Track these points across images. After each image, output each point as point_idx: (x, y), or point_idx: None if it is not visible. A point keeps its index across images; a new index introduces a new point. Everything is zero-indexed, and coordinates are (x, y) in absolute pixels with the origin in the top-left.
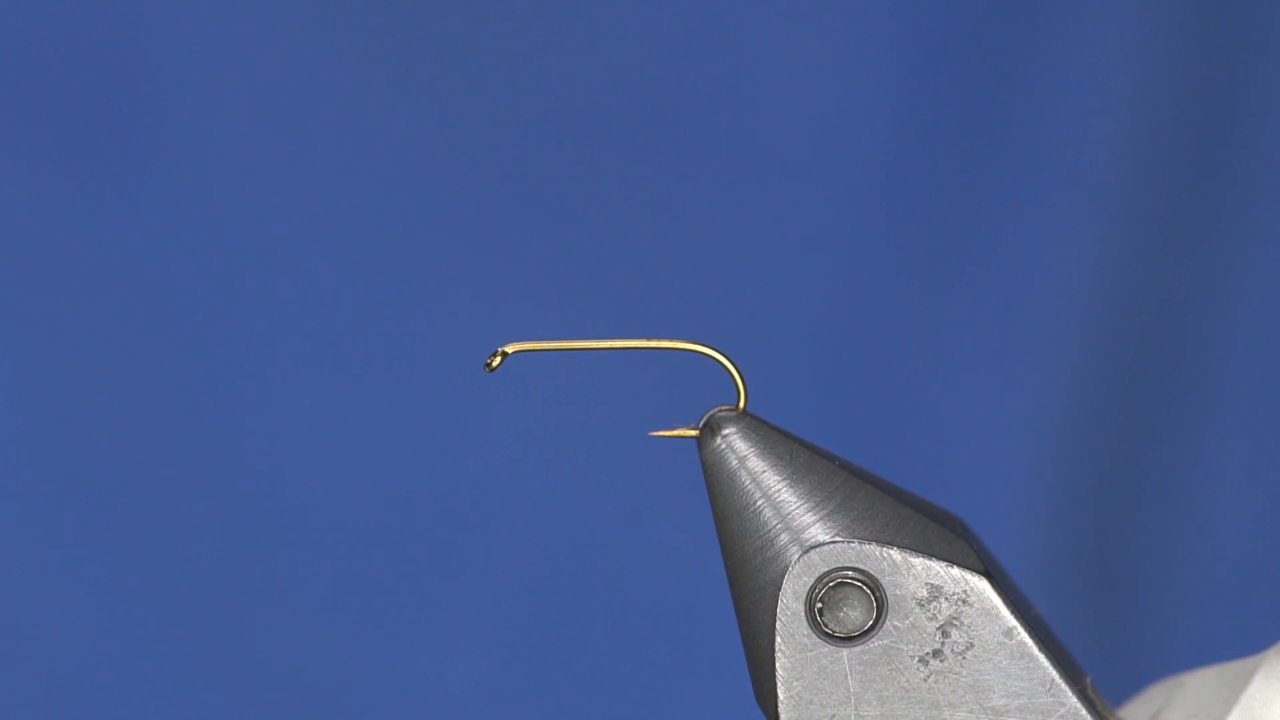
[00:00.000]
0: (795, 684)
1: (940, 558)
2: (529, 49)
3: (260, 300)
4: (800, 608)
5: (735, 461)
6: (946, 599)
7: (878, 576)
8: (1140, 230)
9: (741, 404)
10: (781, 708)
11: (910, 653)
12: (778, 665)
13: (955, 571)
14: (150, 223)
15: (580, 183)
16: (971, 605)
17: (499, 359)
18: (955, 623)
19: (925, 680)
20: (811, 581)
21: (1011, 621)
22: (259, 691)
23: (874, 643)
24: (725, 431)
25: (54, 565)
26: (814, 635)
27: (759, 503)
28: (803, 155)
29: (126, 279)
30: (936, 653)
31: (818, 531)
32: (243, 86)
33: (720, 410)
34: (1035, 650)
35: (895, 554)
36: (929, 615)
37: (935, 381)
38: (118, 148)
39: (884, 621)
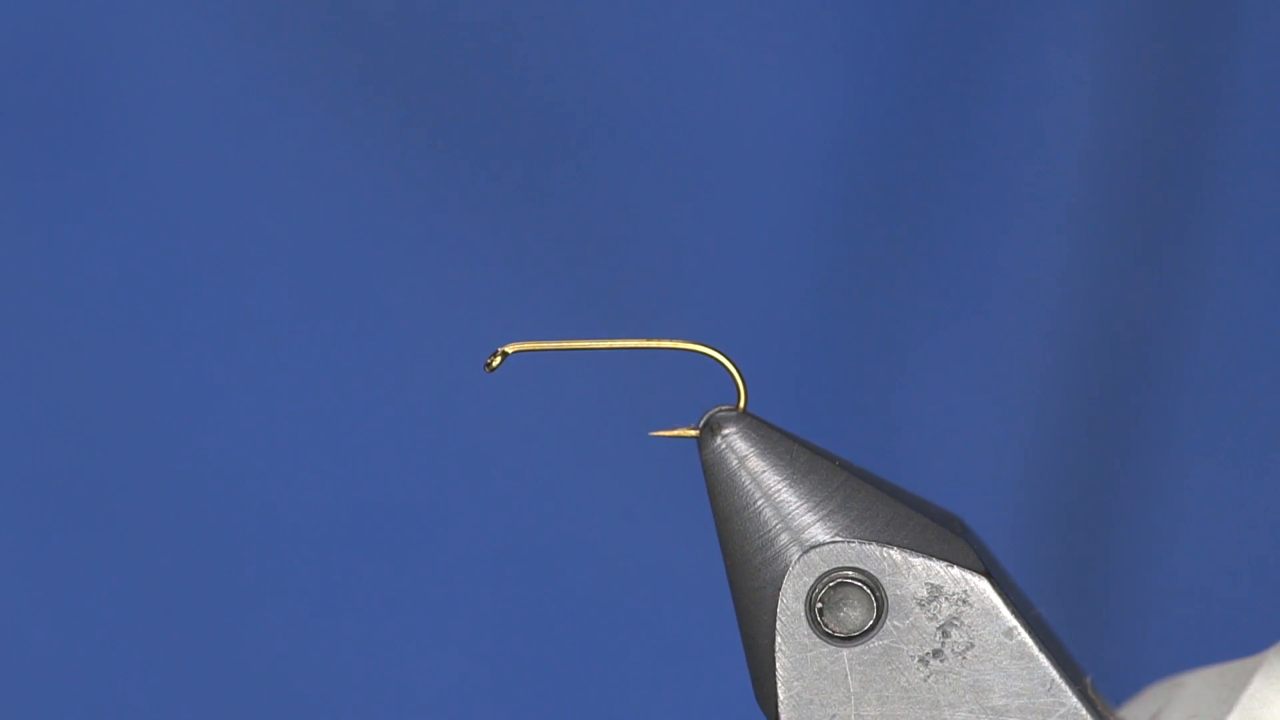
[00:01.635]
0: (795, 684)
1: (940, 558)
2: (527, 48)
3: (261, 300)
4: (800, 608)
5: (735, 461)
6: (946, 599)
7: (878, 576)
8: (1120, 229)
9: (741, 404)
10: (781, 708)
11: (910, 653)
12: (778, 665)
13: (955, 571)
14: (141, 226)
15: (580, 183)
16: (971, 605)
17: (499, 359)
18: (955, 623)
19: (925, 680)
20: (811, 581)
21: (1011, 621)
22: (247, 690)
23: (874, 643)
24: (725, 431)
25: (37, 567)
26: (814, 635)
27: (759, 503)
28: (804, 155)
29: (117, 280)
30: (936, 653)
31: (818, 531)
32: (243, 85)
33: (720, 410)
34: (1035, 650)
35: (895, 554)
36: (929, 615)
37: (936, 382)
38: (107, 145)
39: (884, 621)
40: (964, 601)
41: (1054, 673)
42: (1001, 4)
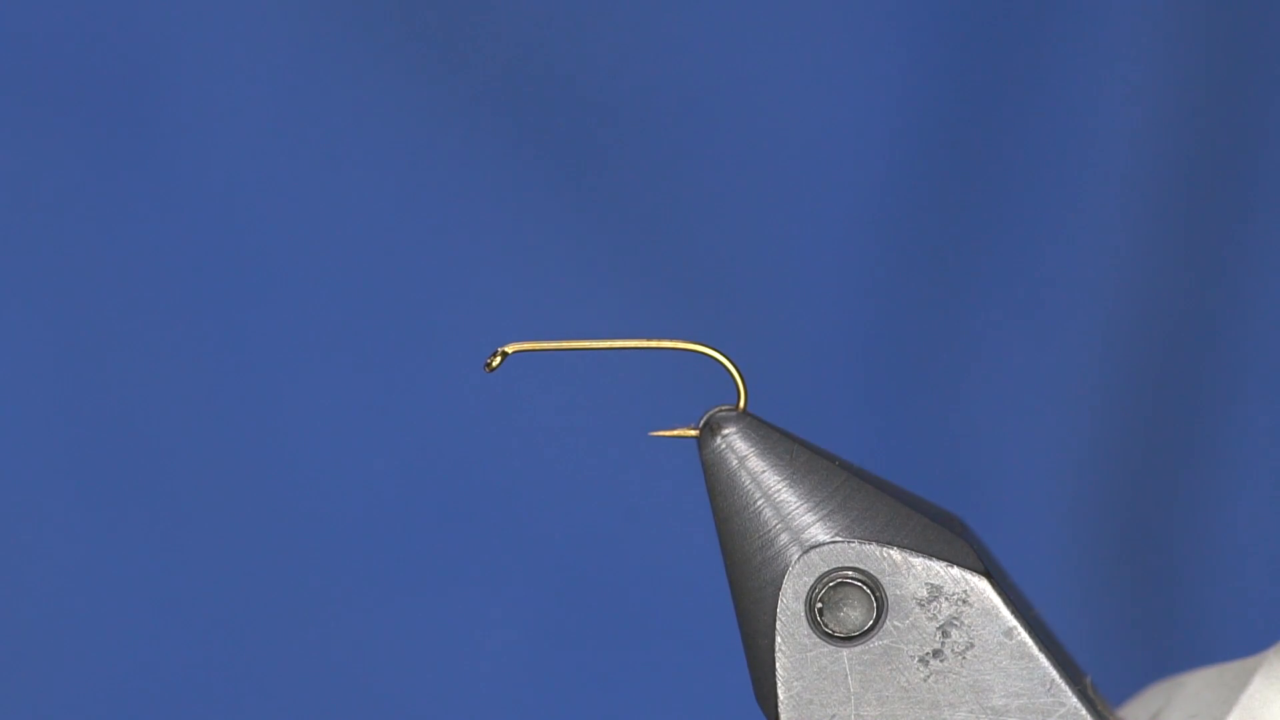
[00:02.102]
0: (795, 684)
1: (940, 558)
2: (533, 47)
3: (259, 300)
4: (800, 608)
5: (735, 461)
6: (946, 599)
7: (878, 576)
8: (1157, 227)
9: (741, 404)
10: (781, 708)
11: (910, 653)
12: (778, 665)
13: (955, 571)
14: (155, 225)
15: (580, 182)
16: (971, 605)
17: (499, 359)
18: (955, 623)
19: (925, 680)
20: (811, 581)
21: (1011, 621)
22: (264, 687)
23: (874, 643)
24: (725, 431)
25: (74, 562)
26: (814, 635)
27: (759, 503)
28: (804, 153)
29: (133, 279)
30: (936, 653)
31: (818, 531)
32: (247, 84)
33: (720, 410)
34: (1035, 650)
35: (895, 554)
36: (929, 615)
37: (936, 382)
38: (124, 146)
39: (884, 621)
40: (964, 601)
41: (1054, 673)
42: (1056, 10)
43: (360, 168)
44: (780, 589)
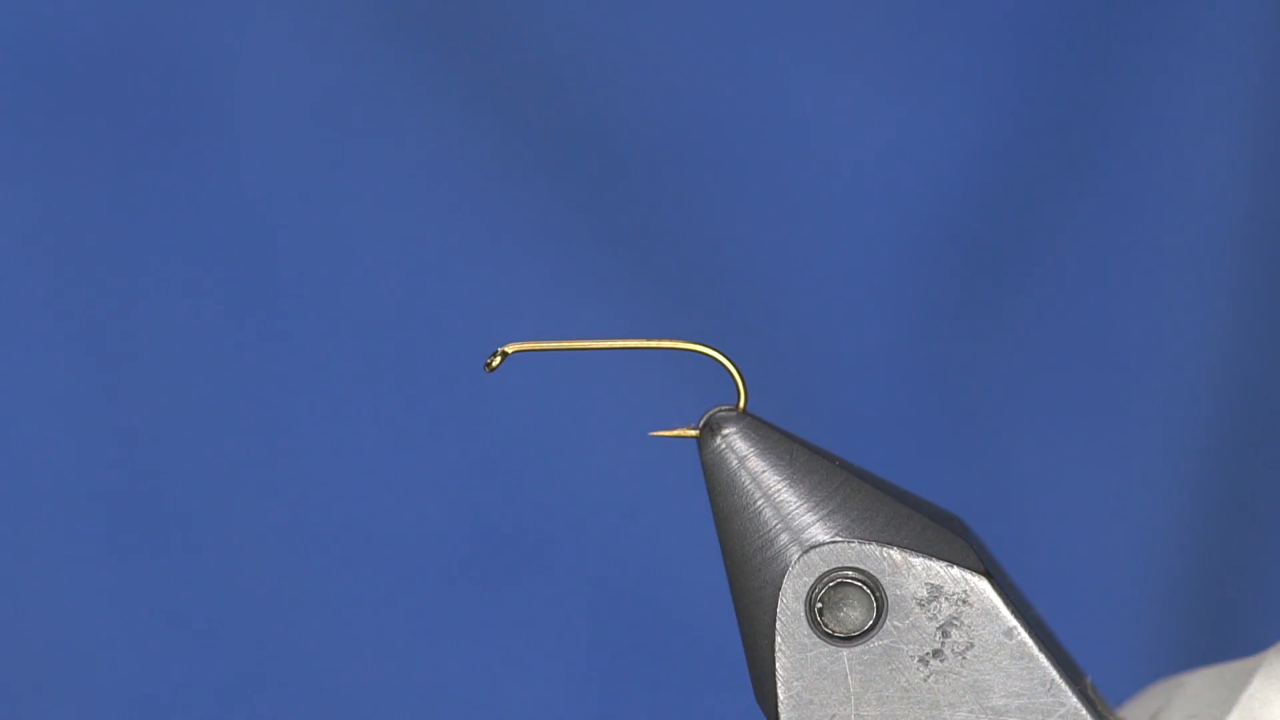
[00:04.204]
0: (795, 684)
1: (940, 558)
2: (537, 48)
3: (259, 300)
4: (800, 608)
5: (735, 461)
6: (946, 599)
7: (878, 576)
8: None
9: (741, 404)
10: (781, 708)
11: (910, 653)
12: (778, 665)
13: (955, 571)
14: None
15: (580, 182)
16: (971, 605)
17: (499, 359)
18: (955, 623)
19: (925, 680)
20: (811, 581)
21: (1011, 621)
22: (267, 693)
23: (874, 643)
24: (725, 431)
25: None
26: (814, 635)
27: (759, 503)
28: (806, 152)
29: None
30: (936, 653)
31: (818, 531)
32: (253, 91)
33: (720, 410)
34: (1035, 650)
35: (895, 554)
36: (929, 615)
37: (937, 382)
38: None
39: (884, 621)
40: (964, 601)
41: (1054, 673)
42: (1117, 31)
43: (360, 169)
44: (780, 589)
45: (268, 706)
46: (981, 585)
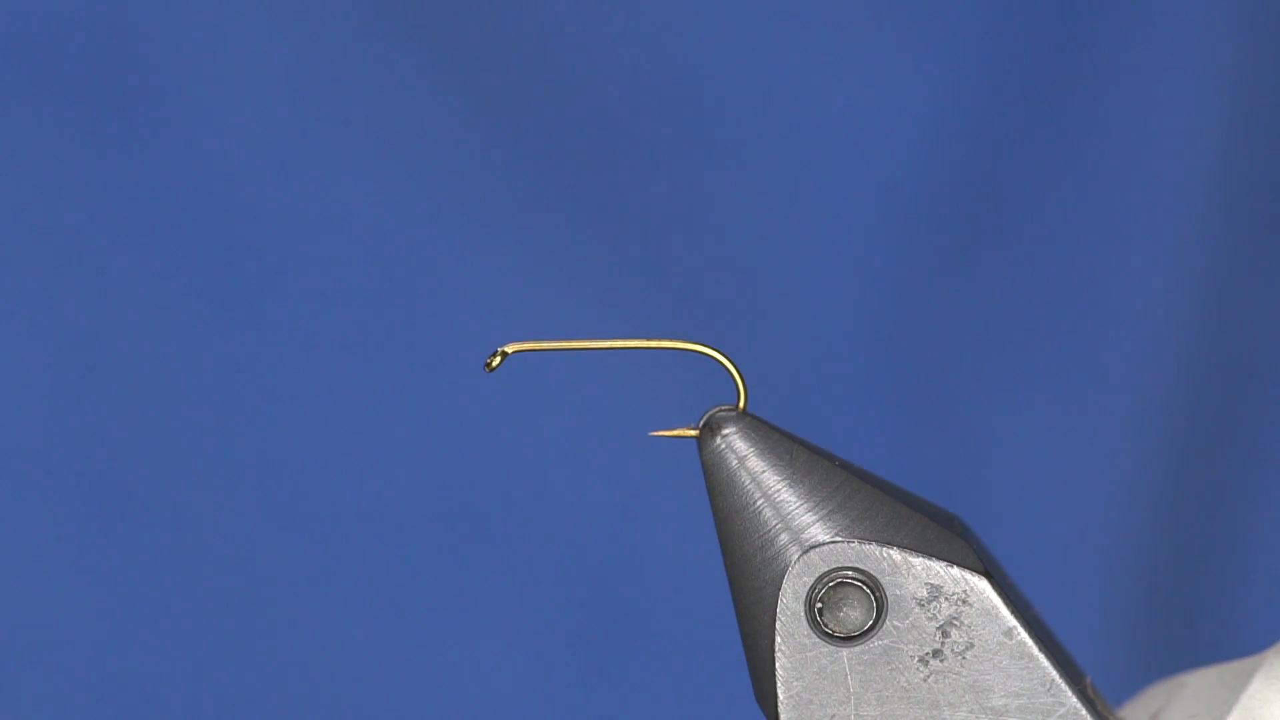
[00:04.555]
0: (795, 684)
1: (940, 558)
2: (537, 46)
3: (258, 300)
4: (800, 608)
5: (735, 461)
6: (946, 599)
7: (878, 576)
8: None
9: (741, 404)
10: (781, 708)
11: (910, 653)
12: (778, 665)
13: (955, 571)
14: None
15: (581, 182)
16: (971, 605)
17: (499, 359)
18: (955, 623)
19: (925, 680)
20: (811, 581)
21: (1011, 621)
22: (266, 694)
23: (874, 643)
24: (725, 431)
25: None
26: (814, 635)
27: (759, 503)
28: (807, 152)
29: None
30: (936, 653)
31: (818, 531)
32: (248, 88)
33: (720, 410)
34: (1035, 650)
35: (895, 554)
36: (929, 615)
37: (938, 382)
38: (121, 146)
39: (884, 621)
40: (964, 601)
41: (1054, 673)
42: (1103, 24)
43: (359, 169)
44: (780, 589)
45: (255, 698)
46: (981, 585)
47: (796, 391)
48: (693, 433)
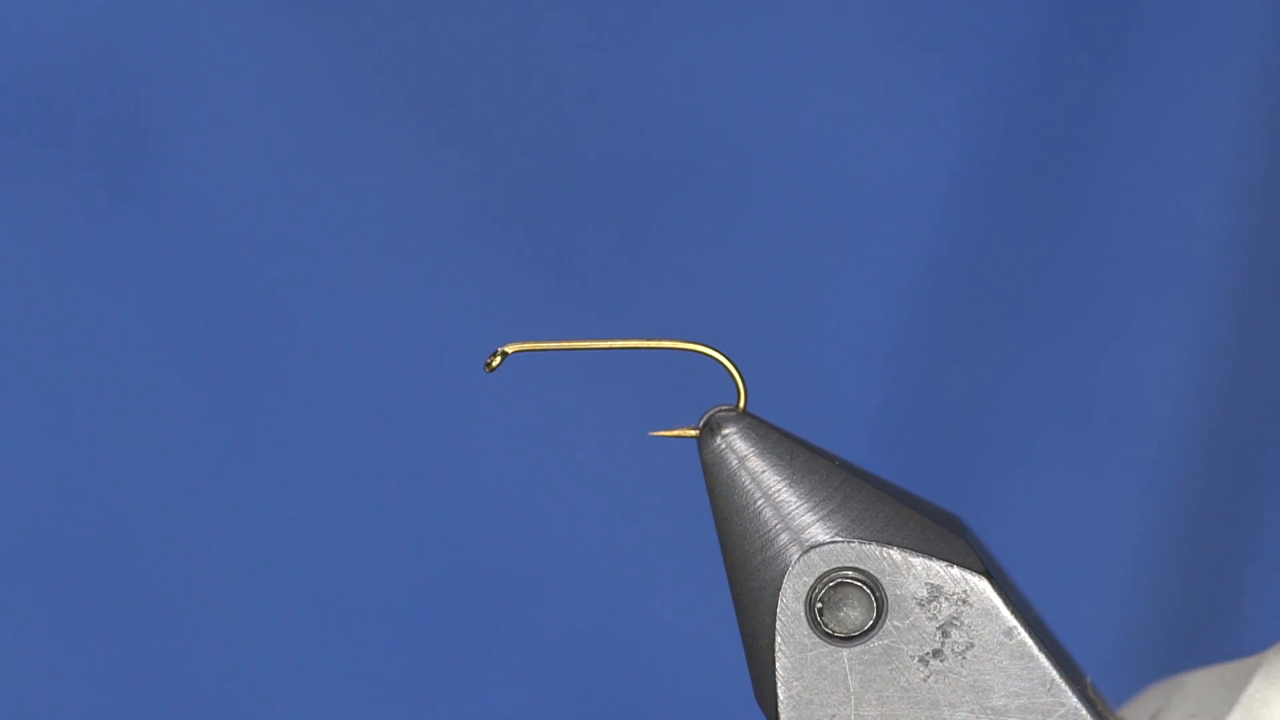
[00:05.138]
0: (795, 684)
1: (940, 558)
2: (538, 54)
3: (258, 300)
4: (800, 608)
5: (735, 461)
6: (946, 599)
7: (878, 576)
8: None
9: (741, 404)
10: (781, 708)
11: (910, 653)
12: (778, 665)
13: (955, 571)
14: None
15: (581, 182)
16: (971, 605)
17: (499, 359)
18: (955, 623)
19: (925, 680)
20: (811, 581)
21: (1011, 621)
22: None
23: (874, 643)
24: (725, 431)
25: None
26: (814, 635)
27: (759, 503)
28: (807, 153)
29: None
30: (936, 653)
31: (818, 531)
32: (242, 92)
33: (720, 410)
34: (1035, 650)
35: (895, 554)
36: (929, 615)
37: (938, 382)
38: (111, 158)
39: (884, 621)
40: (964, 601)
41: (1054, 673)
42: (1120, 62)
43: (357, 170)
44: (780, 589)
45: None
46: (981, 585)
47: (796, 391)
48: (693, 433)
